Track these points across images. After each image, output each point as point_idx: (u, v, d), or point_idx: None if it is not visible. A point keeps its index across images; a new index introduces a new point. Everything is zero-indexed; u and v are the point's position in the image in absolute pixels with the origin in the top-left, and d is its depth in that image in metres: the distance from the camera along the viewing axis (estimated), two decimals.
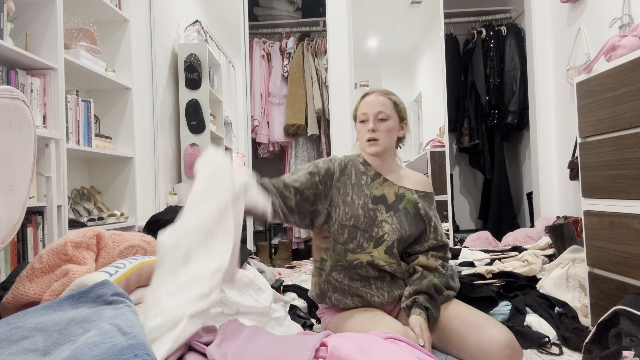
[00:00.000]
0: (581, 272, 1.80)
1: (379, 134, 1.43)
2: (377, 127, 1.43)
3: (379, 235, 1.39)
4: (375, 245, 1.39)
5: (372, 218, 1.40)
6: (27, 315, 0.87)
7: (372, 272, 1.40)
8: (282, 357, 0.89)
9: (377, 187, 1.45)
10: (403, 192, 1.46)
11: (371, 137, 1.43)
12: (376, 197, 1.43)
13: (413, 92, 3.71)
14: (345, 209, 1.40)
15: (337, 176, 1.44)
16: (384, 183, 1.46)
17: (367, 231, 1.39)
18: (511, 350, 1.20)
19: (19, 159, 1.07)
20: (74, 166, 2.38)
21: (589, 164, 1.62)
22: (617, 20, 2.10)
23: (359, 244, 1.39)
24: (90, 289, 0.89)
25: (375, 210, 1.41)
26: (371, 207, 1.41)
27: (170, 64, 3.29)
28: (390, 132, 1.44)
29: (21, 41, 1.86)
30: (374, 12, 3.51)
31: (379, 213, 1.41)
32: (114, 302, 0.86)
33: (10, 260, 1.63)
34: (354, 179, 1.45)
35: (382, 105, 1.43)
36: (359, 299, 1.40)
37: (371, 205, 1.41)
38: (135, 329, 0.77)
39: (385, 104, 1.44)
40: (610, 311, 1.27)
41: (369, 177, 1.46)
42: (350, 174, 1.46)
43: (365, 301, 1.40)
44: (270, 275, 1.99)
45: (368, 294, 1.40)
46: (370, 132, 1.43)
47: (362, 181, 1.45)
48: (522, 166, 3.87)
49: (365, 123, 1.44)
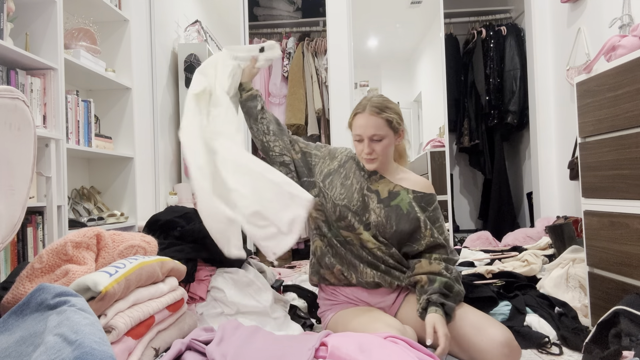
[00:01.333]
0: (581, 272, 1.80)
1: (375, 153, 1.43)
2: (373, 148, 1.42)
3: (368, 222, 1.44)
4: (365, 229, 1.44)
5: (365, 203, 1.45)
6: None
7: (364, 254, 1.44)
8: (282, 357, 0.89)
9: (373, 183, 1.49)
10: (398, 191, 1.47)
11: (368, 157, 1.44)
12: (370, 188, 1.48)
13: (413, 92, 3.71)
14: (341, 190, 1.46)
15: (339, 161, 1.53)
16: (380, 179, 1.49)
17: (357, 214, 1.44)
18: (509, 349, 1.20)
19: (19, 159, 1.07)
20: (74, 166, 2.38)
21: (589, 164, 1.62)
22: (617, 20, 2.10)
23: (350, 224, 1.43)
24: (29, 298, 0.86)
25: (368, 197, 1.46)
26: (366, 192, 1.46)
27: (170, 64, 3.29)
28: (386, 148, 1.44)
29: (21, 41, 1.85)
30: (374, 12, 3.51)
31: (370, 201, 1.45)
32: (58, 305, 0.83)
33: (10, 260, 1.63)
34: (354, 169, 1.51)
35: (375, 128, 1.39)
36: (353, 270, 1.44)
37: (366, 192, 1.46)
38: (80, 334, 0.74)
39: (378, 125, 1.39)
40: (610, 311, 1.27)
41: (366, 172, 1.51)
42: (350, 166, 1.52)
43: (358, 274, 1.44)
44: (270, 275, 1.99)
45: (361, 265, 1.44)
46: (367, 154, 1.43)
47: (361, 174, 1.50)
48: (522, 166, 3.87)
49: (361, 142, 1.44)
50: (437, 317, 1.29)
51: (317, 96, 3.54)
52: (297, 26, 3.86)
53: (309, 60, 3.59)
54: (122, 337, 1.02)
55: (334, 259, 1.47)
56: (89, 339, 0.73)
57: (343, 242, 1.45)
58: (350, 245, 1.44)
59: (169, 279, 1.27)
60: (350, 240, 1.45)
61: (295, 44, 3.67)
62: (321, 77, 3.57)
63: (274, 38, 3.84)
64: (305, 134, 3.55)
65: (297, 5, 3.99)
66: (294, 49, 3.64)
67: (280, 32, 3.83)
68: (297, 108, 3.51)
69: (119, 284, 1.03)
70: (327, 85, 3.45)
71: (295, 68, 3.57)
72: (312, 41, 3.66)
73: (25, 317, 0.84)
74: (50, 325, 0.77)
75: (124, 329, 1.02)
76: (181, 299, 1.29)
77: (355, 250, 1.44)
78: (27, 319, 0.83)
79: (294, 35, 3.80)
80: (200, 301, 1.58)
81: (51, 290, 0.85)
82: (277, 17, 3.93)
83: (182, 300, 1.29)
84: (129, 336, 1.04)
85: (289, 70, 3.59)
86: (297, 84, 3.55)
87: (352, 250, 1.45)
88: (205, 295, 1.59)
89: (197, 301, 1.57)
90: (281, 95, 3.62)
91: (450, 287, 1.37)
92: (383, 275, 1.44)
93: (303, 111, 3.52)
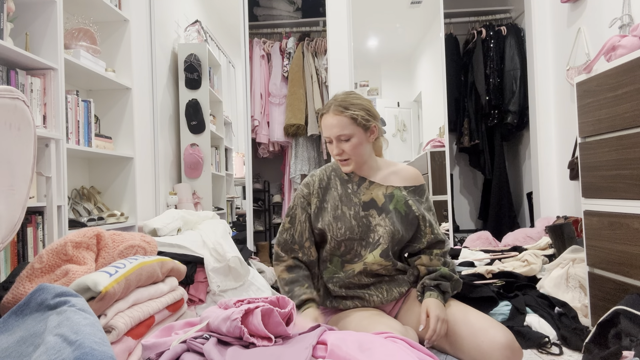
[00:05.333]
0: (581, 272, 1.80)
1: (346, 154, 1.38)
2: (343, 148, 1.38)
3: (375, 240, 1.39)
4: (371, 250, 1.39)
5: (366, 225, 1.40)
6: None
7: (366, 280, 1.41)
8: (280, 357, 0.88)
9: (365, 192, 1.43)
10: (392, 192, 1.44)
11: (340, 159, 1.41)
12: (366, 203, 1.42)
13: (413, 92, 3.71)
14: (337, 225, 1.38)
15: (321, 197, 1.43)
16: (371, 186, 1.44)
17: (363, 239, 1.39)
18: (511, 350, 1.20)
19: (19, 159, 1.07)
20: (74, 166, 2.38)
21: (589, 164, 1.62)
22: (617, 20, 2.10)
23: (356, 253, 1.40)
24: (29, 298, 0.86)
25: (367, 217, 1.40)
26: (362, 214, 1.40)
27: (170, 64, 3.29)
28: (357, 147, 1.38)
29: (21, 41, 1.85)
30: (374, 12, 3.51)
31: (372, 218, 1.40)
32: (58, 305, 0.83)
33: (10, 260, 1.63)
34: (340, 190, 1.43)
35: (340, 127, 1.35)
36: (358, 300, 1.41)
37: (362, 213, 1.40)
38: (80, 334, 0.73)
39: (342, 124, 1.34)
40: (610, 311, 1.27)
41: (355, 184, 1.45)
42: (335, 186, 1.44)
43: (364, 302, 1.41)
44: (270, 275, 2.00)
45: (367, 294, 1.41)
46: (338, 155, 1.40)
47: (349, 190, 1.44)
48: (522, 166, 3.87)
49: (332, 144, 1.40)
50: (432, 300, 1.29)
51: (317, 96, 3.53)
52: (297, 26, 3.86)
53: (309, 60, 3.59)
54: (122, 337, 1.02)
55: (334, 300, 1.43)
56: (89, 340, 0.73)
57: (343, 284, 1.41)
58: (350, 278, 1.40)
59: (169, 279, 1.27)
60: (350, 274, 1.40)
61: (295, 44, 3.67)
62: (321, 77, 3.57)
63: (273, 38, 3.84)
64: (305, 134, 3.55)
65: (297, 5, 3.99)
66: (294, 49, 3.64)
67: (280, 32, 3.83)
68: (297, 108, 3.51)
69: (118, 284, 1.03)
70: (327, 85, 3.45)
71: (295, 68, 3.57)
72: (312, 41, 3.66)
73: (25, 317, 0.84)
74: (51, 325, 0.77)
75: (124, 329, 1.02)
76: (181, 299, 1.29)
77: (357, 281, 1.40)
78: (27, 319, 0.83)
79: (294, 35, 3.80)
80: (199, 303, 1.58)
81: (51, 291, 0.85)
82: (277, 17, 3.93)
83: (182, 300, 1.29)
84: (129, 336, 1.04)
85: (289, 70, 3.59)
86: (297, 84, 3.55)
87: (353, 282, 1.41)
88: (204, 297, 1.58)
89: (196, 303, 1.57)
90: (281, 95, 3.62)
91: (449, 276, 1.39)
92: (389, 287, 1.42)
93: (303, 111, 3.52)
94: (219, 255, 1.58)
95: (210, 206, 3.34)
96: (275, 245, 1.45)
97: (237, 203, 3.90)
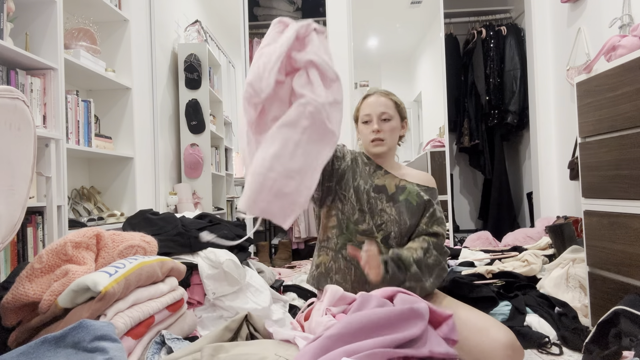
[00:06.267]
0: (581, 272, 1.80)
1: (384, 134, 1.45)
2: (381, 127, 1.45)
3: (379, 224, 1.42)
4: (377, 231, 1.41)
5: (374, 205, 1.43)
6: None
7: None
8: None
9: (379, 177, 1.48)
10: (404, 185, 1.47)
11: (376, 137, 1.45)
12: (377, 186, 1.45)
13: (413, 92, 3.71)
14: (357, 192, 1.44)
15: (349, 161, 1.48)
16: (386, 175, 1.48)
17: (372, 217, 1.42)
18: (513, 350, 1.20)
19: (19, 159, 1.07)
20: (74, 166, 2.38)
21: (589, 164, 1.62)
22: (617, 20, 2.10)
23: (369, 228, 1.41)
24: (67, 333, 0.83)
25: (376, 199, 1.44)
26: (373, 195, 1.44)
27: (170, 64, 3.29)
28: (394, 131, 1.47)
29: (21, 41, 1.85)
30: (374, 12, 3.51)
31: (379, 202, 1.43)
32: (94, 351, 0.80)
33: (10, 260, 1.63)
34: (360, 167, 1.49)
35: (385, 106, 1.46)
36: (357, 284, 1.41)
37: (373, 194, 1.44)
38: None
39: (388, 105, 1.46)
40: (610, 311, 1.27)
41: (372, 168, 1.50)
42: (357, 163, 1.50)
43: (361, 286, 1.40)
44: (270, 275, 1.99)
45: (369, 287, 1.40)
46: (374, 133, 1.45)
47: (366, 171, 1.49)
48: (522, 166, 3.87)
49: (369, 124, 1.46)
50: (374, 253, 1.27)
51: None
52: None
53: None
54: (122, 337, 1.02)
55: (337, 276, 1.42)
56: None
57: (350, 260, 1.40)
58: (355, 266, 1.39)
59: (168, 279, 1.27)
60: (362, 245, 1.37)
61: None
62: None
63: None
64: None
65: (297, 5, 3.99)
66: None
67: None
68: None
69: (118, 284, 1.03)
70: None
71: None
72: None
73: (58, 351, 0.82)
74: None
75: (123, 329, 1.02)
76: (181, 299, 1.29)
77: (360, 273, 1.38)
78: (59, 353, 0.82)
79: None
80: (198, 305, 1.57)
81: (91, 332, 0.83)
82: (277, 17, 3.93)
83: (182, 300, 1.29)
84: (128, 336, 1.04)
85: None
86: None
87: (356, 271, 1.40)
88: (202, 298, 1.58)
89: (195, 305, 1.57)
90: None
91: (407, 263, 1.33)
92: None
93: None
94: (211, 261, 1.58)
95: (210, 206, 3.34)
96: None
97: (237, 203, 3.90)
